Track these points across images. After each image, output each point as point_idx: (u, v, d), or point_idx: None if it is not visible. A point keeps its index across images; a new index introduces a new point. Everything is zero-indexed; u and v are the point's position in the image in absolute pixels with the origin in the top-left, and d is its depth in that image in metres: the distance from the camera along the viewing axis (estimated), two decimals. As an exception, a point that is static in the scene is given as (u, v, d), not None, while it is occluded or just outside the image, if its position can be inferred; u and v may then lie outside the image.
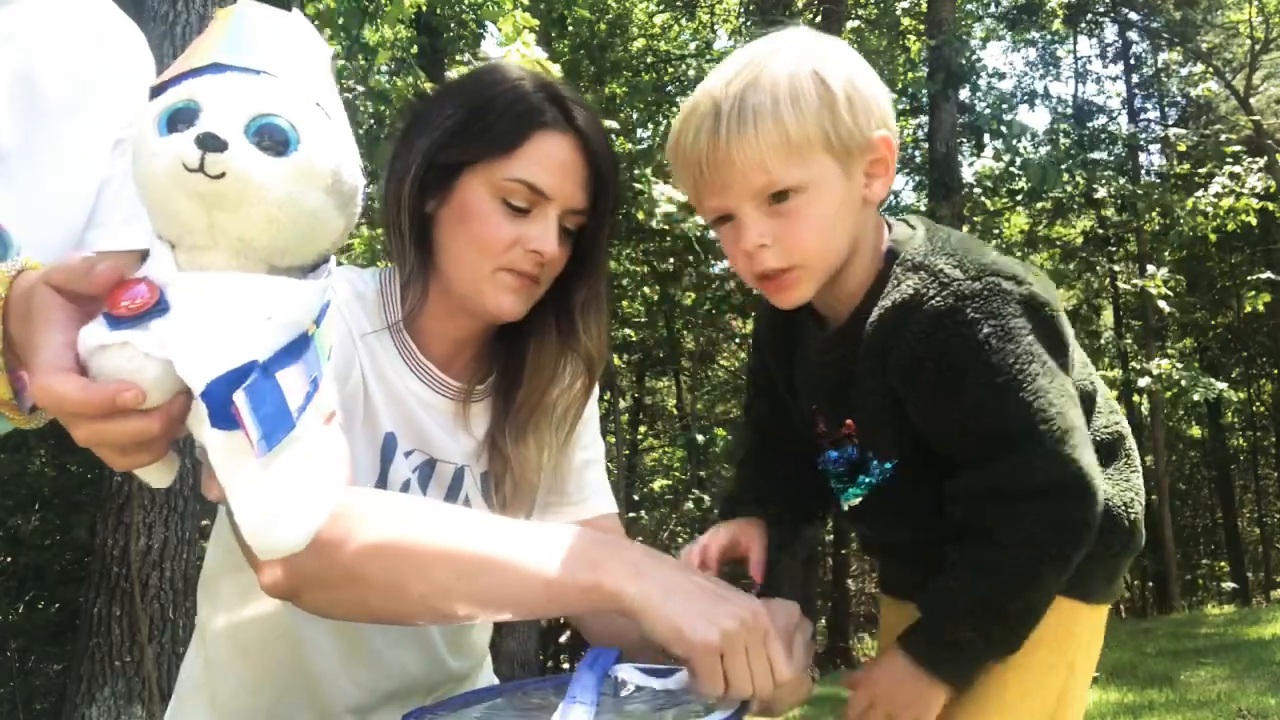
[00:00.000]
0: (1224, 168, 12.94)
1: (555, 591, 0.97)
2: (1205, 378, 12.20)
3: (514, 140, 1.23)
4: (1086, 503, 1.06)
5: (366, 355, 1.27)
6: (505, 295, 1.25)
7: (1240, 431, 20.76)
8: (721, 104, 1.08)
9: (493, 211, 1.23)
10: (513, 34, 4.36)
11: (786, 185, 1.08)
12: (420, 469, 1.30)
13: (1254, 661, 6.31)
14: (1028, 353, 1.06)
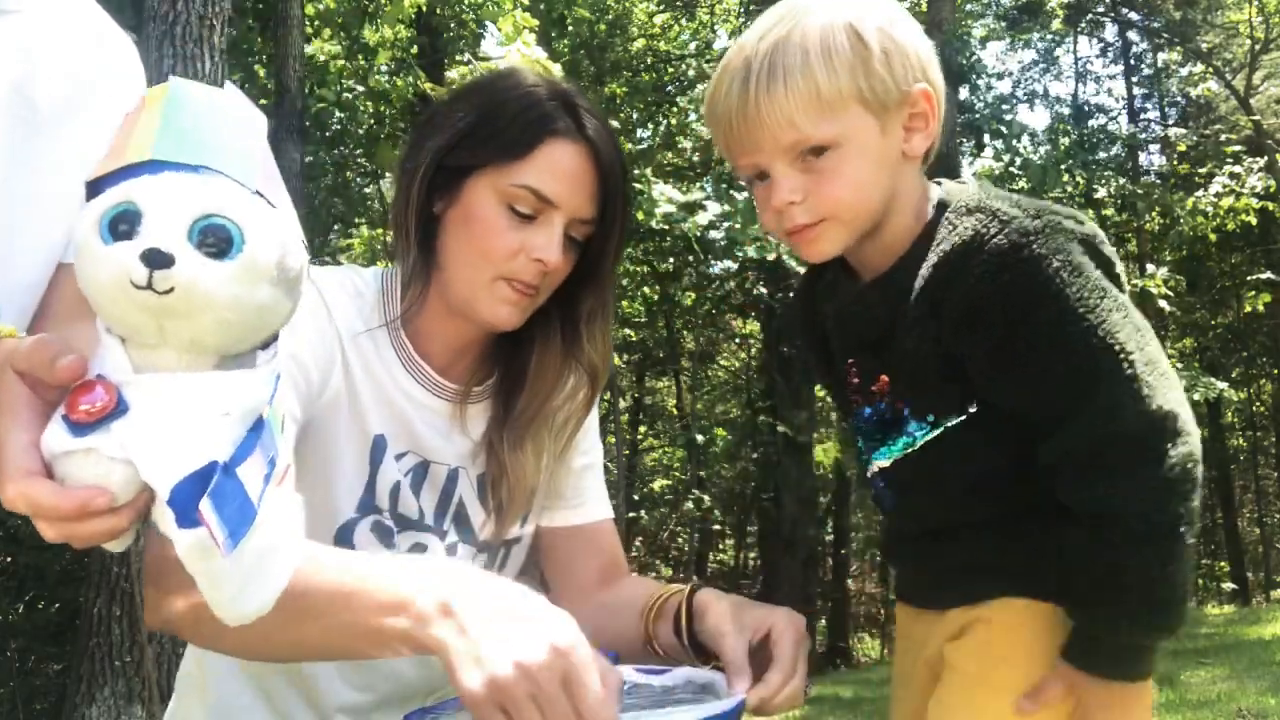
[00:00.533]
0: (1224, 168, 12.94)
1: (375, 641, 0.94)
2: (1205, 377, 12.20)
3: (524, 146, 1.21)
4: (1187, 440, 0.99)
5: (357, 356, 1.25)
6: (502, 306, 1.24)
7: (1240, 431, 20.74)
8: (752, 61, 1.07)
9: (498, 217, 1.22)
10: (513, 34, 4.36)
11: (818, 141, 1.06)
12: (414, 470, 1.29)
13: (1254, 661, 6.31)
14: (1099, 287, 1.01)
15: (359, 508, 1.24)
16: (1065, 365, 1.01)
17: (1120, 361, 0.99)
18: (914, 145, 1.10)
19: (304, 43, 9.18)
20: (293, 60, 8.30)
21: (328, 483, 1.23)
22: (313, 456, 1.21)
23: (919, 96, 1.09)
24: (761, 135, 1.07)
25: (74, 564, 8.77)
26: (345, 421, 1.24)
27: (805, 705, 7.00)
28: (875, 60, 1.06)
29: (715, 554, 20.57)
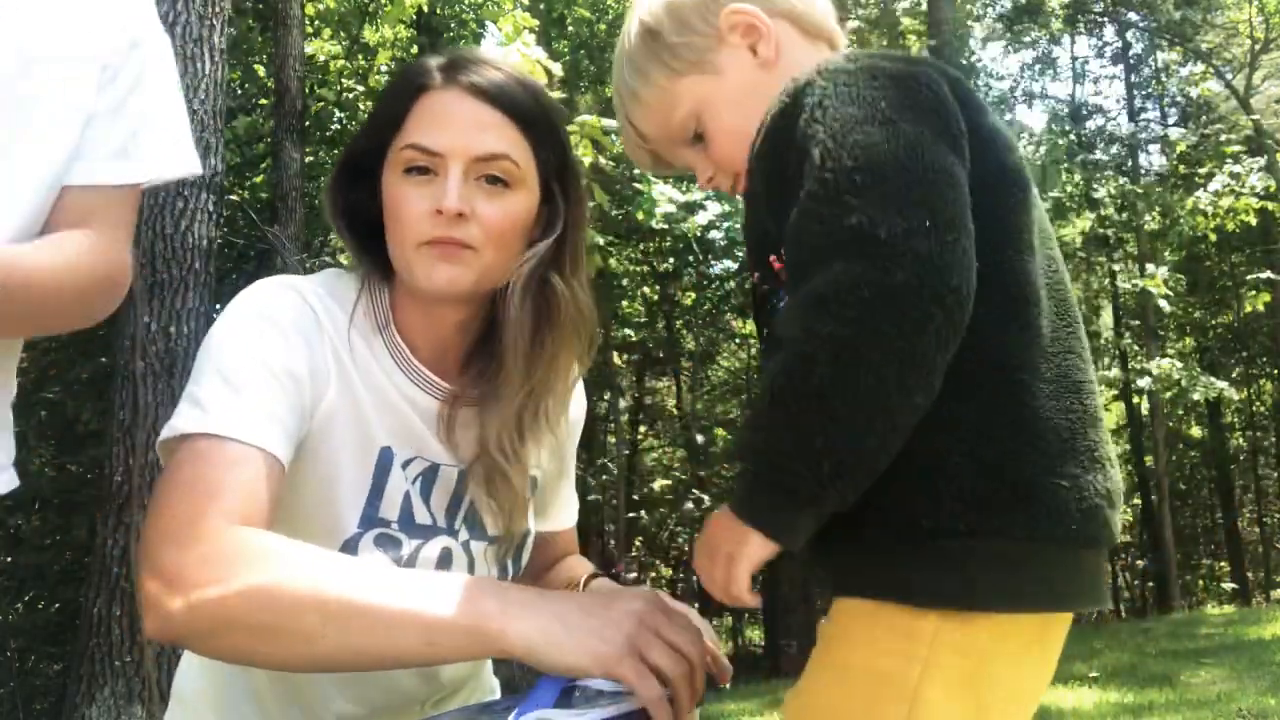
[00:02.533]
0: (1224, 167, 12.95)
1: (434, 636, 0.97)
2: (1205, 377, 12.21)
3: (401, 112, 1.22)
4: (885, 263, 0.83)
5: (355, 365, 1.23)
6: (434, 269, 1.19)
7: (1240, 431, 20.75)
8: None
9: (400, 187, 1.20)
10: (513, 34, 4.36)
11: (682, 131, 1.10)
12: (423, 475, 1.27)
13: (1254, 662, 6.31)
14: (871, 116, 0.90)
15: (362, 522, 1.22)
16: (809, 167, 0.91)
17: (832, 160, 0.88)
18: (765, 54, 1.09)
19: (304, 42, 9.18)
20: (293, 60, 8.30)
21: (329, 499, 1.21)
22: (312, 474, 1.20)
23: (733, 22, 1.09)
24: (652, 151, 1.16)
25: (74, 564, 8.78)
26: (346, 434, 1.22)
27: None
28: (667, 35, 1.09)
29: (715, 554, 20.52)
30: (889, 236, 0.84)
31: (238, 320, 1.18)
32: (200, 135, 5.15)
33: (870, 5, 14.40)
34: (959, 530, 0.89)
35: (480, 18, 10.52)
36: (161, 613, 0.99)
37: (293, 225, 8.10)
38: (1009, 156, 1.00)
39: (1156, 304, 12.48)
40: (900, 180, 0.87)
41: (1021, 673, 0.97)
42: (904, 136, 0.89)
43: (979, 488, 0.89)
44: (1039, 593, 0.93)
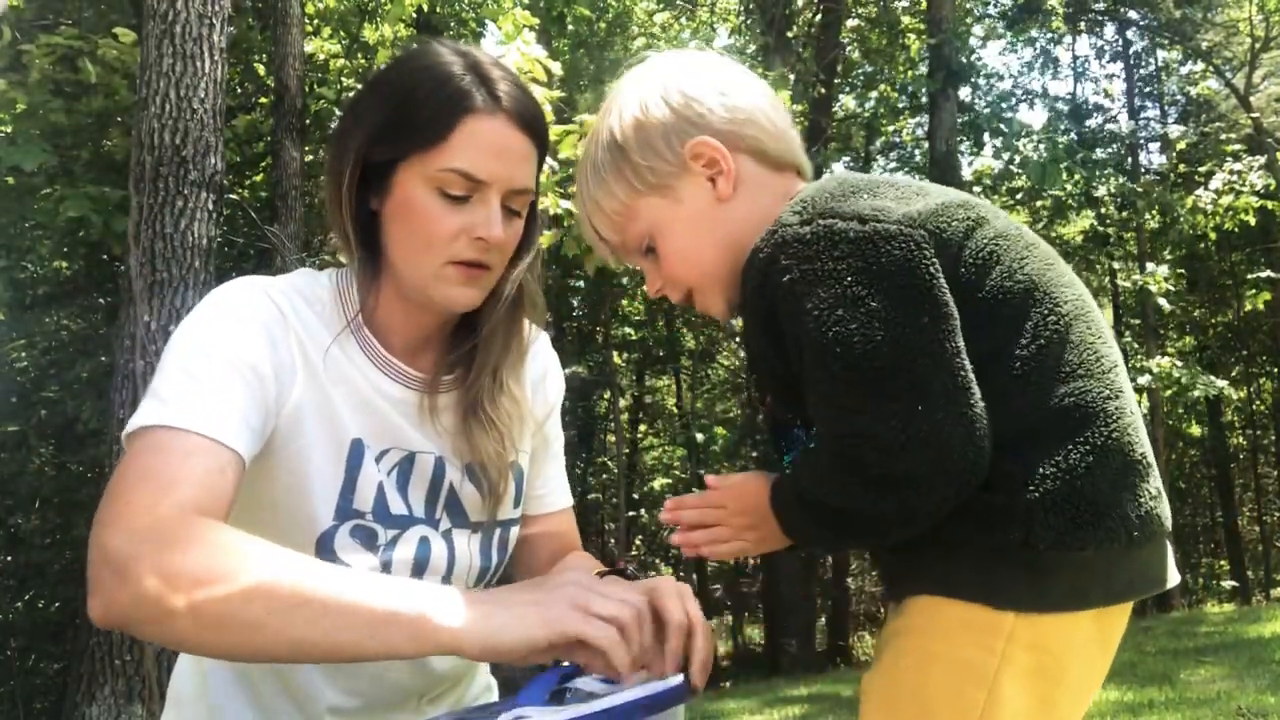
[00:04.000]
0: (1224, 166, 12.95)
1: (377, 630, 0.97)
2: (1205, 376, 12.20)
3: (443, 130, 1.19)
4: (890, 456, 0.96)
5: (324, 362, 1.23)
6: (455, 289, 1.23)
7: (1240, 430, 20.76)
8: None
9: (432, 204, 1.20)
10: (513, 32, 4.35)
11: (636, 242, 1.16)
12: (399, 465, 1.28)
13: (1254, 660, 6.31)
14: (841, 296, 0.99)
15: (336, 515, 1.22)
16: (798, 369, 1.04)
17: (822, 361, 0.99)
18: (722, 189, 1.13)
19: (304, 41, 9.18)
20: (292, 59, 8.30)
21: (302, 494, 1.21)
22: (284, 469, 1.20)
23: (697, 152, 1.12)
24: (607, 251, 1.23)
25: (74, 563, 8.78)
26: (316, 430, 1.22)
27: (805, 704, 7.01)
28: (633, 153, 1.13)
29: (715, 553, 20.53)
30: (890, 434, 0.96)
31: (203, 318, 1.19)
32: (200, 134, 5.15)
33: (870, 4, 14.40)
34: (1045, 544, 0.99)
35: (480, 16, 10.51)
36: (105, 598, 0.99)
37: (292, 224, 8.11)
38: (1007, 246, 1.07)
39: (1156, 302, 12.48)
40: (885, 367, 0.97)
41: (1082, 661, 1.06)
42: (871, 315, 0.98)
43: (1067, 507, 0.99)
44: (1100, 591, 1.04)
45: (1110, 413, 1.03)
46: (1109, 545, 1.00)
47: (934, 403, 0.96)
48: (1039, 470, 0.99)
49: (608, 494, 15.28)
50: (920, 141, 14.42)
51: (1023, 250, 1.07)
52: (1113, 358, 1.07)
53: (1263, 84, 15.98)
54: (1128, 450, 1.03)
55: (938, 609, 1.04)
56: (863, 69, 15.07)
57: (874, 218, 1.02)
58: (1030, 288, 1.04)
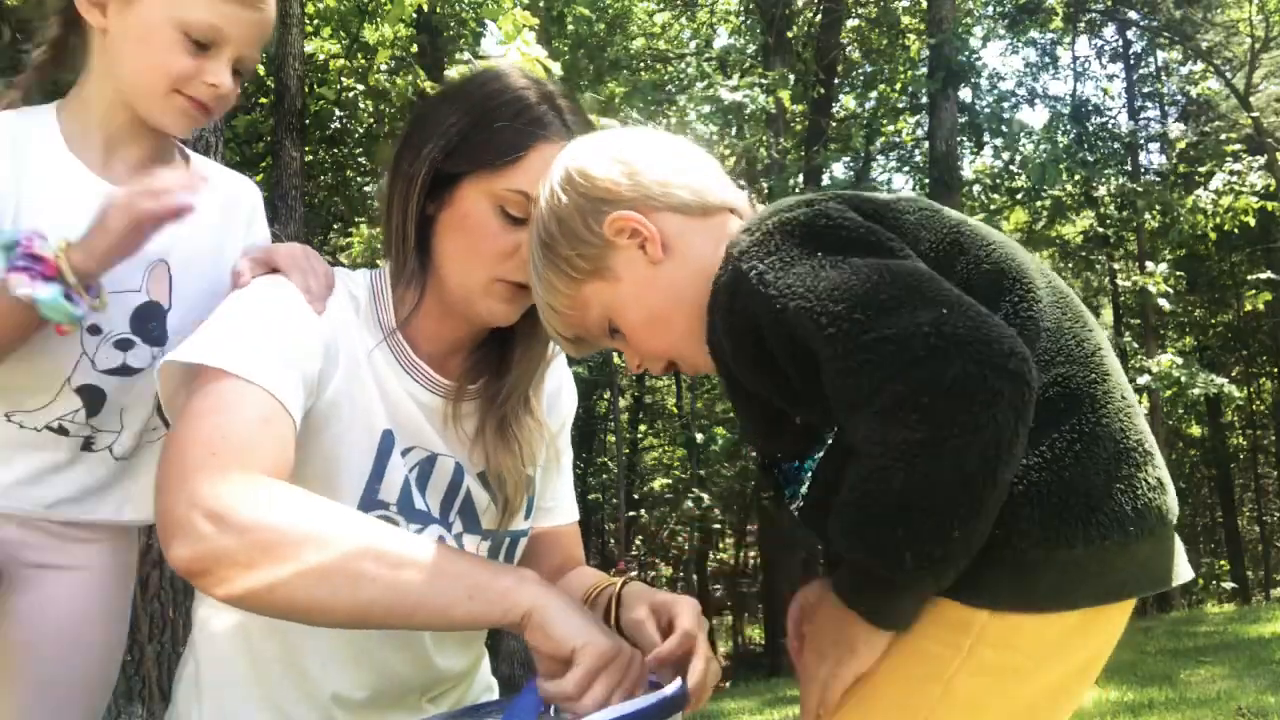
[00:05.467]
0: (1224, 166, 12.95)
1: (475, 593, 1.01)
2: (1206, 375, 12.20)
3: (516, 151, 1.23)
4: (934, 363, 0.87)
5: (361, 358, 1.27)
6: (499, 304, 1.27)
7: (1240, 430, 20.77)
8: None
9: (492, 221, 1.23)
10: (513, 32, 4.35)
11: (599, 328, 1.14)
12: (420, 465, 1.31)
13: (1254, 660, 6.31)
14: (819, 264, 0.96)
15: (361, 503, 1.25)
16: (801, 354, 0.96)
17: (829, 323, 0.92)
18: (653, 253, 1.11)
19: (303, 41, 9.18)
20: (292, 59, 8.30)
21: (331, 479, 1.23)
22: (316, 453, 1.22)
23: (617, 227, 1.10)
24: (574, 344, 1.20)
25: (74, 563, 8.76)
26: (351, 417, 1.25)
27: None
28: (562, 248, 1.12)
29: (715, 553, 20.57)
30: (924, 340, 0.88)
31: (253, 298, 1.22)
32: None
33: (870, 4, 14.40)
34: (1031, 541, 0.94)
35: (480, 16, 10.50)
36: (199, 543, 0.99)
37: (293, 224, 8.11)
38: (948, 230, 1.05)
39: (1156, 302, 12.48)
40: (892, 294, 0.92)
41: (1065, 660, 1.02)
42: (855, 267, 0.95)
43: (1053, 500, 0.93)
44: (1089, 591, 0.98)
45: (1097, 398, 0.98)
46: (1100, 542, 0.94)
47: (956, 307, 0.90)
48: (1030, 461, 0.93)
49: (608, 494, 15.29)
50: (920, 141, 14.41)
51: (985, 239, 1.05)
52: (1094, 341, 1.02)
53: (1263, 84, 15.98)
54: (1120, 437, 0.98)
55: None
56: (863, 69, 15.06)
57: (818, 199, 1.03)
58: (999, 275, 1.01)
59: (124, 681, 4.94)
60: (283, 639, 1.27)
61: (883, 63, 14.24)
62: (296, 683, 1.29)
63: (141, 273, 1.29)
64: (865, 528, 0.93)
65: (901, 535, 0.91)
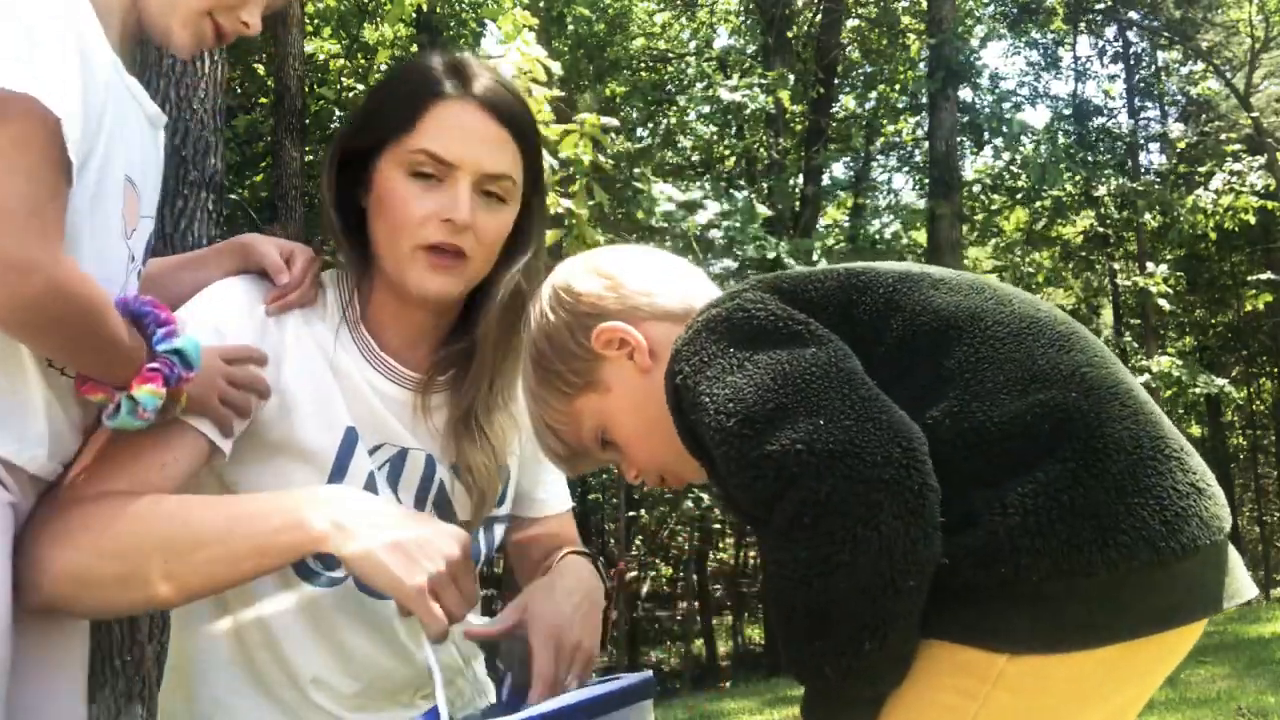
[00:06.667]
0: (1224, 166, 12.95)
1: (266, 559, 1.10)
2: (1205, 375, 12.21)
3: (413, 114, 1.24)
4: (808, 481, 0.86)
5: (321, 352, 1.29)
6: (427, 275, 1.25)
7: (1240, 430, 20.77)
8: None
9: (404, 187, 1.24)
10: (513, 32, 4.34)
11: (593, 442, 1.15)
12: (391, 461, 1.31)
13: (1254, 660, 6.32)
14: (726, 367, 0.97)
15: None
16: (711, 446, 0.97)
17: (720, 429, 0.93)
18: (641, 362, 1.11)
19: (304, 41, 9.18)
20: (292, 59, 8.30)
21: (290, 479, 1.24)
22: (275, 449, 1.25)
23: (605, 339, 1.11)
24: (570, 462, 1.21)
25: (74, 563, 8.76)
26: (308, 413, 1.26)
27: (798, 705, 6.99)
28: (554, 364, 1.13)
29: (715, 553, 20.57)
30: (798, 457, 0.88)
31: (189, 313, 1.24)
32: (200, 134, 5.15)
33: (870, 5, 14.40)
34: (1043, 572, 0.87)
35: (480, 16, 10.50)
36: (29, 591, 1.09)
37: (293, 224, 8.10)
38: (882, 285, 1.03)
39: (1156, 302, 12.49)
40: (779, 403, 0.92)
41: (1097, 701, 0.95)
42: (757, 365, 0.95)
43: (1058, 528, 0.87)
44: (1126, 622, 0.89)
45: (1086, 412, 0.91)
46: (1127, 564, 0.86)
47: (837, 415, 0.89)
48: (1015, 490, 0.88)
49: (607, 494, 15.27)
50: (920, 141, 14.40)
51: (925, 291, 1.01)
52: (1071, 361, 0.95)
53: (1263, 84, 15.99)
54: (1132, 446, 0.90)
55: (925, 650, 0.92)
56: (863, 69, 15.06)
57: (740, 291, 1.04)
58: (942, 327, 0.98)
59: (124, 682, 4.94)
60: (268, 642, 1.28)
61: (883, 63, 14.24)
62: (288, 682, 1.28)
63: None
64: (784, 642, 0.93)
65: (816, 648, 0.89)
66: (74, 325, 1.04)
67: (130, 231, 1.17)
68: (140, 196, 1.18)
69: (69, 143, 1.01)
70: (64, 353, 1.08)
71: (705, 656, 18.38)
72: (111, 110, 1.10)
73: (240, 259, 1.32)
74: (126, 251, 1.17)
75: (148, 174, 1.21)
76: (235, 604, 1.28)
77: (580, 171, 4.50)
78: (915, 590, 0.87)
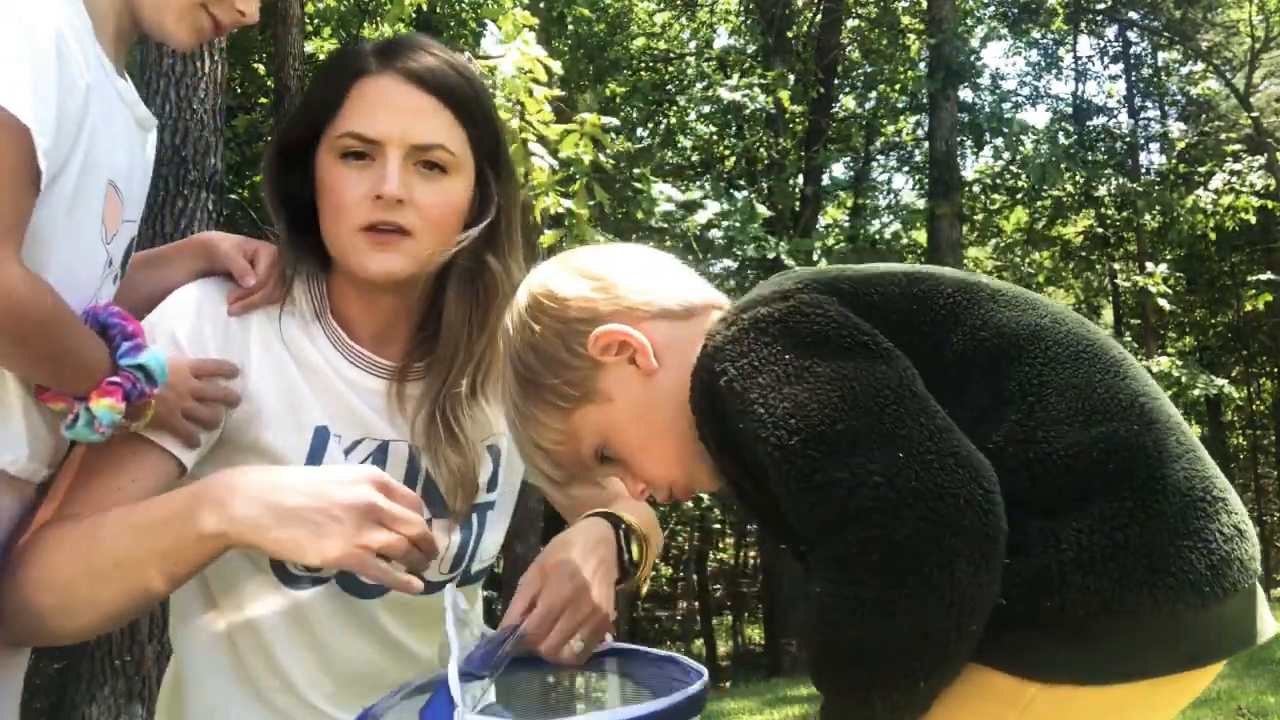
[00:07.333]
0: (1224, 166, 12.95)
1: (168, 563, 1.07)
2: (1205, 375, 12.20)
3: (339, 96, 1.22)
4: (884, 518, 0.82)
5: (289, 351, 1.27)
6: (369, 256, 1.22)
7: (1240, 430, 20.75)
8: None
9: (337, 173, 1.22)
10: (513, 32, 4.35)
11: (591, 459, 1.07)
12: (373, 456, 1.29)
13: (1254, 660, 6.31)
14: (784, 375, 0.91)
15: None
16: (761, 467, 0.92)
17: (780, 446, 0.88)
18: (645, 365, 1.03)
19: (304, 41, 9.17)
20: (292, 59, 8.30)
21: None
22: (245, 455, 1.23)
23: (603, 344, 1.03)
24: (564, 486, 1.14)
25: (74, 563, 8.77)
26: (276, 416, 1.24)
27: (805, 704, 6.99)
28: (543, 377, 1.04)
29: (715, 553, 20.57)
30: (874, 491, 0.83)
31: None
32: (200, 134, 5.15)
33: (870, 4, 14.40)
34: (1090, 609, 0.86)
35: (480, 16, 10.50)
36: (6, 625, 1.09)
37: (292, 224, 8.10)
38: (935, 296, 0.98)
39: (1156, 302, 12.48)
40: (850, 425, 0.86)
41: None
42: (818, 378, 0.89)
43: (1110, 566, 0.86)
44: (1160, 660, 0.89)
45: (1149, 449, 0.89)
46: (1171, 607, 0.86)
47: (916, 447, 0.84)
48: (1072, 525, 0.86)
49: (608, 494, 15.25)
50: (920, 141, 14.40)
51: (985, 306, 0.97)
52: (1129, 389, 0.93)
53: (1263, 84, 15.98)
54: (1186, 487, 0.89)
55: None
56: (863, 69, 15.06)
57: (794, 290, 0.96)
58: (1002, 344, 0.94)
59: (124, 682, 4.94)
60: (257, 643, 1.27)
61: (883, 63, 14.23)
62: (280, 684, 1.28)
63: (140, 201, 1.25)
64: (825, 667, 0.89)
65: (863, 679, 0.86)
66: (24, 336, 1.01)
67: (111, 236, 1.15)
68: (124, 201, 1.16)
69: (39, 150, 0.98)
70: (13, 363, 1.05)
71: (705, 656, 18.38)
72: (95, 113, 1.08)
73: (203, 259, 1.30)
74: (105, 256, 1.15)
75: (133, 178, 1.19)
76: (227, 609, 1.28)
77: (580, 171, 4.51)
78: (975, 633, 0.85)
